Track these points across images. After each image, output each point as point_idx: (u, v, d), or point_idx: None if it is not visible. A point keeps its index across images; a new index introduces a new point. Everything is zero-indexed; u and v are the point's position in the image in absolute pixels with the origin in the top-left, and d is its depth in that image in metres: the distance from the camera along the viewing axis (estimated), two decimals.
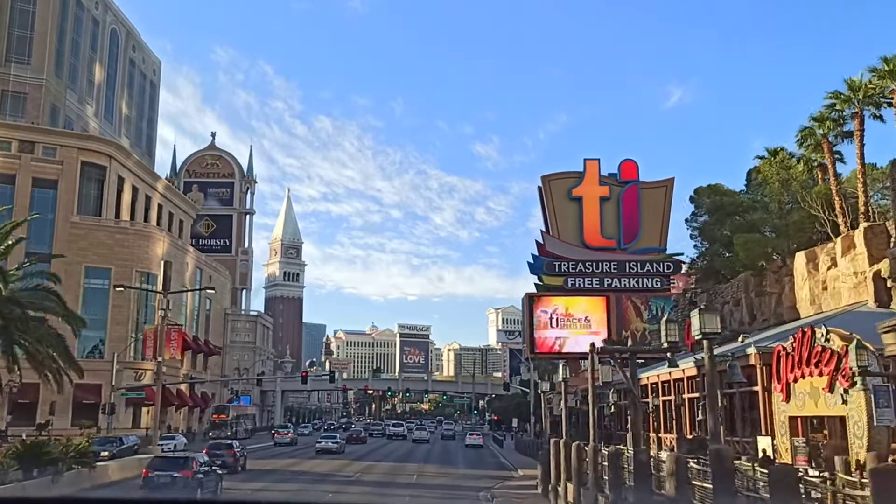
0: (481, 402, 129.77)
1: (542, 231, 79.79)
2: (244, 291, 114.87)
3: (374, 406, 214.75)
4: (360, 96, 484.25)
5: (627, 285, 77.12)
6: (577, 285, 77.04)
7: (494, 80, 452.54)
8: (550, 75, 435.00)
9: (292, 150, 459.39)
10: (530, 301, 77.07)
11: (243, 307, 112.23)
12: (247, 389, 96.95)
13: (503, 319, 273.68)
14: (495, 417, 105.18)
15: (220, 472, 27.57)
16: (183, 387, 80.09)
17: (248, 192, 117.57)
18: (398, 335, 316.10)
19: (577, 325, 76.42)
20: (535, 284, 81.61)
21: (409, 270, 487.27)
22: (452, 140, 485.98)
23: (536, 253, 79.87)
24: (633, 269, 77.34)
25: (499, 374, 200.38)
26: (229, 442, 42.78)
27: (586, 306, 77.39)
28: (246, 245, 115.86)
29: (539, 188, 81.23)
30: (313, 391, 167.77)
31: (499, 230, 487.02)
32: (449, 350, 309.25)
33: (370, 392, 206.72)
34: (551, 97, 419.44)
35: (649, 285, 77.08)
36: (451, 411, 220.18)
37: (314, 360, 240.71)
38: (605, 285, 77.28)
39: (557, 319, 76.35)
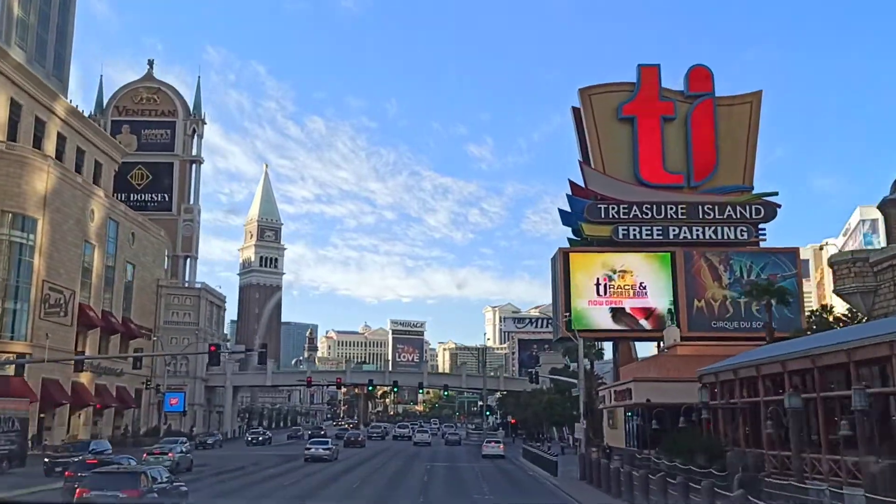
0: (481, 403, 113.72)
1: (580, 162, 61.88)
2: (189, 260, 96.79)
3: (361, 407, 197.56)
4: (353, 97, 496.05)
5: (701, 236, 59.48)
6: (630, 237, 59.30)
7: (489, 81, 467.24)
8: (545, 77, 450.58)
9: (285, 151, 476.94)
10: (566, 259, 59.18)
11: (187, 279, 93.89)
12: (181, 384, 78.74)
13: (501, 318, 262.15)
14: (512, 420, 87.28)
15: (183, 487, 23.46)
16: (85, 380, 61.97)
17: (195, 134, 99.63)
18: (391, 332, 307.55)
19: (630, 292, 58.70)
20: (570, 240, 63.76)
21: (404, 272, 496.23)
22: (446, 141, 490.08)
23: (570, 193, 62.08)
24: (708, 213, 59.65)
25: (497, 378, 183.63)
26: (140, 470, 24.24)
27: (642, 266, 59.49)
28: (191, 201, 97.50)
29: (574, 109, 63.37)
30: (288, 388, 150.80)
31: (492, 231, 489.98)
32: (444, 349, 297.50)
33: (356, 391, 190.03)
34: (545, 98, 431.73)
35: (731, 236, 59.39)
36: (449, 412, 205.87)
37: (300, 358, 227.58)
38: (671, 237, 59.67)
39: (605, 285, 58.66)
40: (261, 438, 75.26)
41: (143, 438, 62.51)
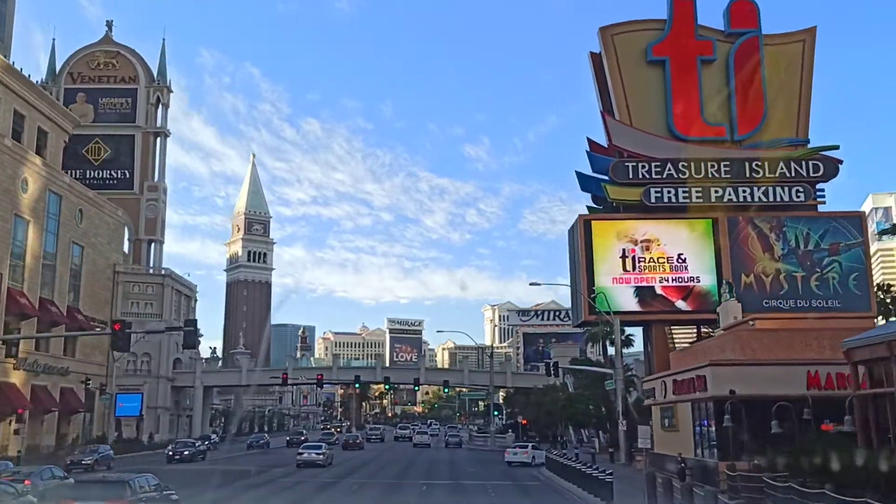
0: (483, 402, 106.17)
1: (602, 113, 53.37)
2: (154, 244, 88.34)
3: (353, 408, 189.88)
4: (349, 98, 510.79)
5: (748, 199, 50.88)
6: (664, 200, 50.87)
7: (485, 82, 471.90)
8: (541, 77, 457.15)
9: (281, 154, 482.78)
10: (587, 229, 50.77)
11: (152, 265, 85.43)
12: (140, 384, 70.19)
13: (500, 315, 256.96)
14: (523, 421, 79.50)
15: (174, 496, 23.31)
16: (17, 380, 53.62)
17: (160, 103, 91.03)
18: (388, 331, 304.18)
19: (665, 267, 50.40)
20: (589, 208, 55.54)
21: (401, 273, 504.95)
22: (442, 142, 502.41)
23: (589, 150, 53.80)
24: (756, 172, 51.06)
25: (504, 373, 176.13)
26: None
27: (678, 236, 51.05)
28: (156, 179, 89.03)
29: (593, 55, 54.89)
30: (279, 390, 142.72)
31: (490, 232, 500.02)
32: (443, 350, 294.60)
33: (350, 392, 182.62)
34: (541, 98, 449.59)
35: (784, 198, 50.93)
36: (449, 413, 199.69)
37: (294, 359, 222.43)
38: (712, 199, 51.27)
39: (633, 258, 50.33)
40: (186, 453, 54.32)
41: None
